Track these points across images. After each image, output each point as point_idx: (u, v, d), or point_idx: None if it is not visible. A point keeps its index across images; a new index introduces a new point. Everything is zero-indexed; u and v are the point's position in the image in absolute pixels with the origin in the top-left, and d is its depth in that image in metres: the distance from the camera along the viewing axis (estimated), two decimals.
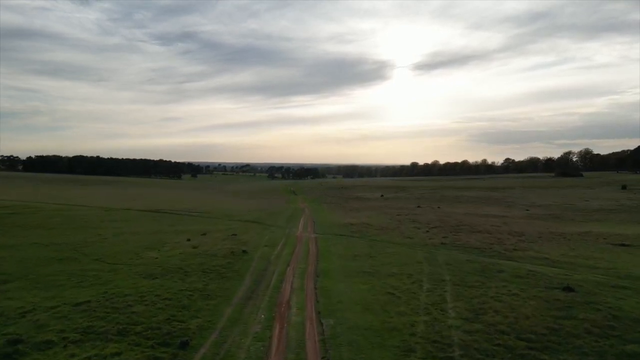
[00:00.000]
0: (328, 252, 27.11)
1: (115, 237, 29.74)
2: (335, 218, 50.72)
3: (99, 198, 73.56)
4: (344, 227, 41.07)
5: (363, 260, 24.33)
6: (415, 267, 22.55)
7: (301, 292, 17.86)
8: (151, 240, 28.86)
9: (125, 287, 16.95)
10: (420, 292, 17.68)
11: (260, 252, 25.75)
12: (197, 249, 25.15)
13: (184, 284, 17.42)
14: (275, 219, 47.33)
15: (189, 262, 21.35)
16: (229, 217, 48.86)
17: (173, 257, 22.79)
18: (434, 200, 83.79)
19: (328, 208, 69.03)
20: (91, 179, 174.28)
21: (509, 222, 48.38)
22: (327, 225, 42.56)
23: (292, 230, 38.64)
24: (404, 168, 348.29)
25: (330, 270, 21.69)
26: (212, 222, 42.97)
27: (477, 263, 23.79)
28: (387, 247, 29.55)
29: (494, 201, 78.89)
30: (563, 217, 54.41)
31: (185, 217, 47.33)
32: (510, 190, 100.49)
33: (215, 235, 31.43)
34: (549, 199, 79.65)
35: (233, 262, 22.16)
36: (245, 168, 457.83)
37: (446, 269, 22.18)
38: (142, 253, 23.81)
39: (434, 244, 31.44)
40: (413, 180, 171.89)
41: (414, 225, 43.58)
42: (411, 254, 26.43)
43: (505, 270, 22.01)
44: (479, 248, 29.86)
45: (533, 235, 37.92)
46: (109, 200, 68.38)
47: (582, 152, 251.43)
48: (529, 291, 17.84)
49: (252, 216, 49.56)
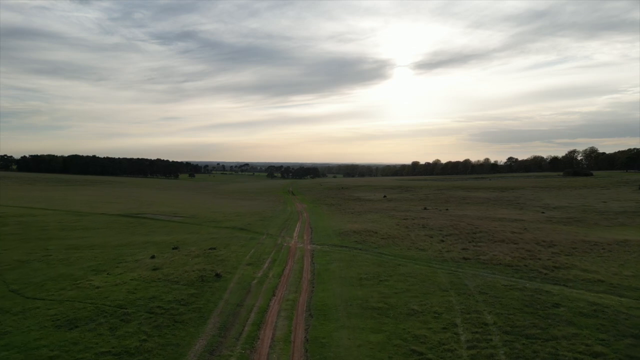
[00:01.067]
0: (326, 273, 21.58)
1: (64, 252, 24.15)
2: (336, 223, 45.17)
3: (78, 200, 67.92)
4: (346, 235, 35.52)
5: (371, 287, 18.77)
6: (440, 298, 16.99)
7: (286, 347, 12.33)
8: (107, 257, 23.25)
9: (19, 346, 11.38)
10: (459, 348, 12.12)
11: (239, 275, 20.16)
12: (158, 272, 19.55)
13: (111, 340, 11.84)
14: (267, 225, 41.74)
15: (138, 296, 15.76)
16: (216, 222, 43.28)
17: (121, 285, 17.19)
18: (441, 201, 78.16)
19: (328, 210, 63.48)
20: (82, 178, 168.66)
21: (530, 227, 42.83)
22: (326, 233, 37.00)
23: (285, 239, 33.10)
24: (404, 167, 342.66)
25: (328, 306, 16.11)
26: (193, 229, 37.41)
27: (519, 291, 18.25)
28: (398, 264, 24.01)
29: (505, 203, 73.24)
30: (585, 220, 48.90)
31: (165, 223, 41.77)
32: (521, 190, 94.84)
33: (188, 250, 25.81)
34: (563, 200, 74.08)
35: (198, 294, 16.56)
36: (245, 167, 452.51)
37: (482, 301, 16.63)
38: (84, 279, 18.25)
39: (454, 259, 25.91)
40: (416, 179, 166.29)
41: (425, 233, 38.04)
42: (431, 276, 20.87)
43: (562, 304, 16.46)
44: (512, 265, 24.33)
45: (565, 245, 32.43)
46: (88, 203, 62.75)
47: (588, 151, 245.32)
48: (614, 345, 12.31)
49: (241, 222, 43.98)
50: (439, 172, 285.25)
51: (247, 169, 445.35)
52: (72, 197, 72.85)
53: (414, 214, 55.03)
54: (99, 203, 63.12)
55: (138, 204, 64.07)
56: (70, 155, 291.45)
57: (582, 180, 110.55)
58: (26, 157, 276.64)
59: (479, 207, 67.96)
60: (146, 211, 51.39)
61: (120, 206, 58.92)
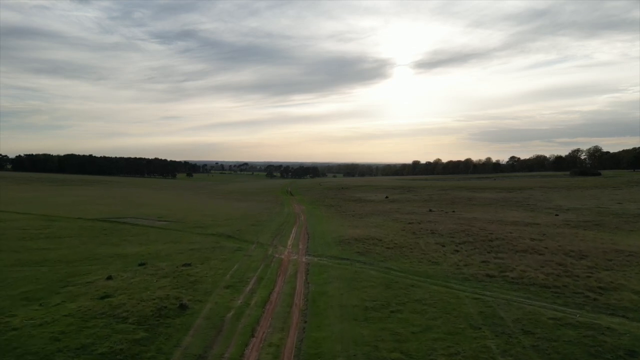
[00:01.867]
0: (323, 298, 17.31)
1: (2, 271, 19.80)
2: (335, 228, 40.93)
3: (62, 202, 63.55)
4: (346, 244, 31.23)
5: (380, 322, 14.49)
6: (473, 342, 12.71)
7: None
8: (52, 278, 18.91)
9: None
10: None
11: (211, 305, 15.86)
12: (106, 302, 15.24)
13: None
14: (259, 231, 37.45)
15: (61, 346, 11.44)
16: (202, 228, 38.99)
17: (47, 326, 12.87)
18: (446, 202, 73.75)
19: (327, 213, 59.20)
20: (78, 178, 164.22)
21: (549, 232, 38.59)
22: (324, 241, 32.73)
23: (278, 249, 28.78)
24: (405, 167, 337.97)
25: (324, 356, 11.81)
26: (173, 237, 33.10)
27: (573, 328, 14.00)
28: (411, 284, 19.74)
29: (514, 204, 68.80)
30: (604, 224, 44.69)
31: (144, 229, 37.45)
32: (529, 191, 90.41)
33: (156, 267, 21.48)
34: (575, 201, 69.67)
35: (148, 339, 12.25)
36: (244, 167, 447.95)
37: (531, 347, 12.36)
38: (3, 314, 13.91)
39: (476, 277, 21.65)
40: (418, 179, 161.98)
41: (435, 240, 33.77)
42: (454, 304, 16.58)
43: (637, 349, 12.20)
44: (548, 286, 20.09)
45: (597, 256, 28.21)
46: (70, 205, 58.40)
47: (591, 150, 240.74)
48: None
49: (231, 227, 39.67)
50: (440, 171, 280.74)
51: (246, 169, 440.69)
52: (55, 199, 68.47)
53: (420, 216, 50.73)
54: (82, 205, 58.79)
55: (124, 206, 59.74)
56: (66, 155, 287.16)
57: (591, 180, 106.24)
58: (21, 157, 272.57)
59: (487, 208, 63.67)
60: (129, 214, 47.07)
61: (103, 208, 54.61)
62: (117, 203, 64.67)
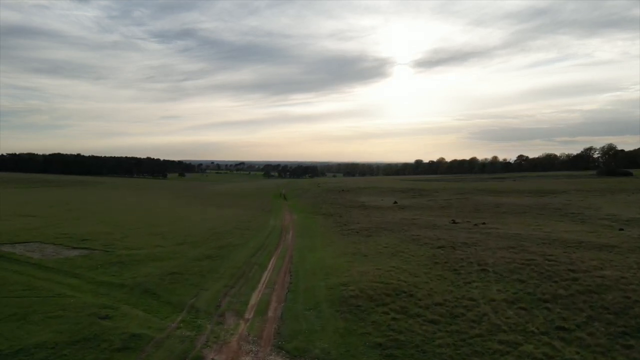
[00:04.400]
0: None
1: None
2: (334, 260, 27.71)
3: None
4: (354, 309, 17.93)
5: None
6: None
7: None
8: None
9: None
10: None
11: None
12: None
13: None
14: (211, 271, 24.13)
15: None
16: (121, 266, 25.66)
17: None
18: (469, 210, 60.13)
19: (323, 226, 45.95)
20: (56, 178, 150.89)
21: None
22: (313, 301, 19.44)
23: (222, 328, 15.53)
24: (407, 166, 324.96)
25: None
26: (32, 304, 19.75)
27: None
28: None
29: (553, 212, 54.77)
30: None
31: (20, 270, 24.11)
32: (563, 194, 76.55)
33: None
34: (627, 209, 55.22)
35: None
36: (240, 166, 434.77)
37: None
38: None
39: None
40: (426, 180, 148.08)
41: (497, 288, 20.54)
42: None
43: None
44: None
45: None
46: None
47: (605, 148, 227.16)
48: None
49: (172, 261, 26.34)
50: (445, 171, 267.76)
51: (243, 168, 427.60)
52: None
53: (446, 233, 37.15)
54: (8, 217, 45.37)
55: (51, 218, 46.29)
56: (51, 154, 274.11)
57: (628, 181, 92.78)
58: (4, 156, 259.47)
59: (524, 219, 49.91)
60: (36, 235, 33.53)
61: (8, 223, 41.14)
62: (45, 213, 51.07)
